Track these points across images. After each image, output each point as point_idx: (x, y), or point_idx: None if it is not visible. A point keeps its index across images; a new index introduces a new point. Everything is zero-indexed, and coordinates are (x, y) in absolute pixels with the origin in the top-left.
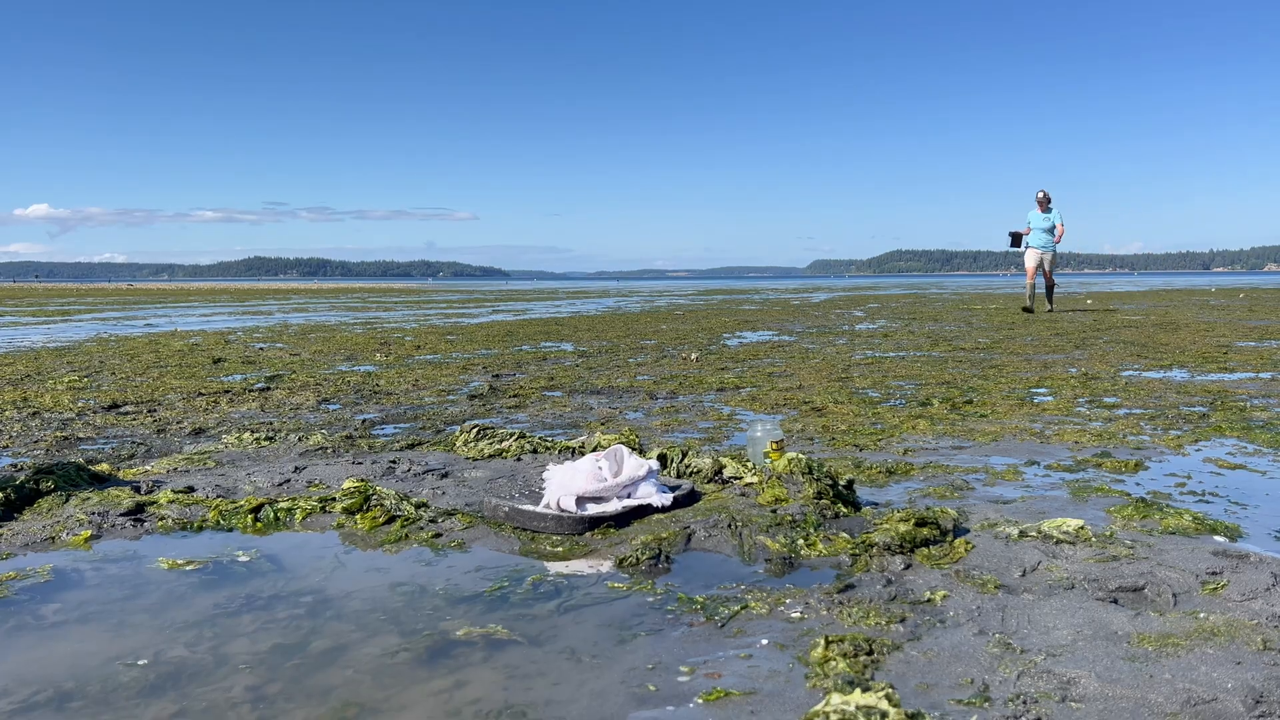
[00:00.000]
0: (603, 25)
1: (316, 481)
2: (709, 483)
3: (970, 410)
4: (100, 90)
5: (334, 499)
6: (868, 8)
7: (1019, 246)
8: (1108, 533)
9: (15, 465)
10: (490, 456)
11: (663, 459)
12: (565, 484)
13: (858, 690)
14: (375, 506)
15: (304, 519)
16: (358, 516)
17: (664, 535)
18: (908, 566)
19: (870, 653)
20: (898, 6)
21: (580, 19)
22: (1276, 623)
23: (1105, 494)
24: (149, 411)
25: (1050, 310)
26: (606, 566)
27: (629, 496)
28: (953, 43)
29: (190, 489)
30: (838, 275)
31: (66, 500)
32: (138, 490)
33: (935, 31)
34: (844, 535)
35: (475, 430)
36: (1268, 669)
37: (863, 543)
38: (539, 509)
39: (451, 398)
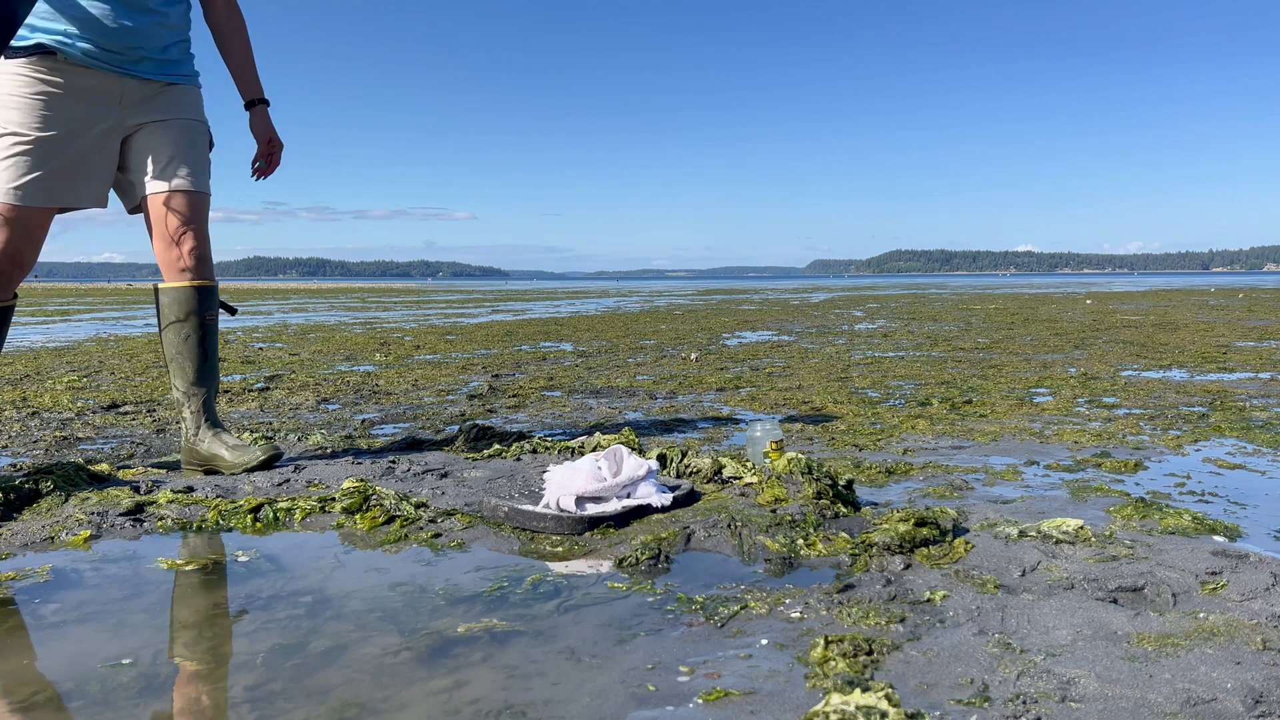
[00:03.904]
0: (602, 24)
1: (316, 481)
2: (708, 483)
3: (970, 410)
4: None
5: (333, 499)
6: (867, 7)
7: None
8: (1107, 532)
9: (15, 465)
10: (490, 456)
11: (662, 459)
12: (565, 484)
13: (857, 690)
14: (375, 506)
15: (303, 519)
16: (357, 516)
17: (663, 535)
18: (907, 566)
19: (870, 653)
20: (897, 6)
21: (579, 18)
22: (1276, 623)
23: (1105, 494)
24: (148, 411)
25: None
26: (606, 566)
27: (628, 496)
28: (953, 41)
29: (189, 489)
30: (837, 275)
31: (66, 500)
32: (137, 490)
33: (935, 30)
34: (844, 535)
35: (475, 430)
36: (1267, 669)
37: (862, 543)
38: (538, 509)
39: (451, 398)
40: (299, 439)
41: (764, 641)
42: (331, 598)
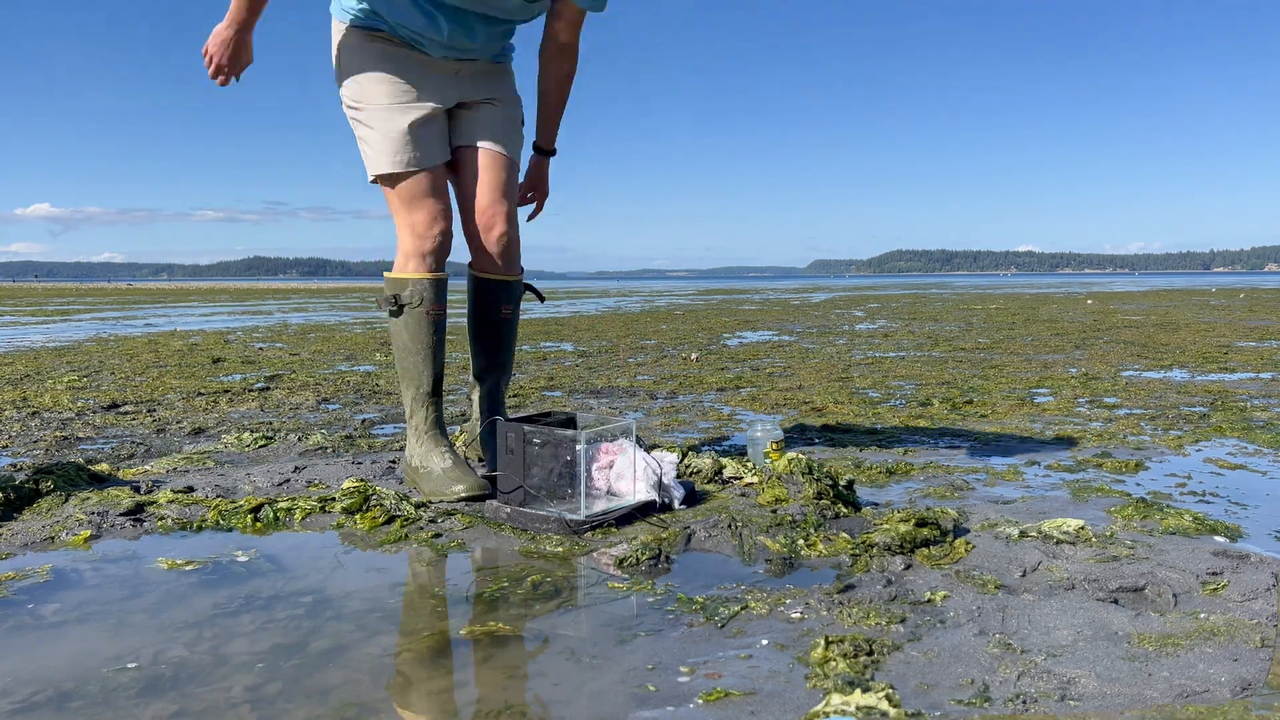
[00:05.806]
0: (601, 22)
1: (316, 481)
2: (709, 483)
3: (970, 410)
4: (102, 89)
5: (334, 499)
6: (867, 7)
7: None
8: (1108, 533)
9: (15, 465)
10: None
11: None
12: (654, 467)
13: (858, 690)
14: (375, 506)
15: (303, 519)
16: (357, 516)
17: (664, 535)
18: (908, 567)
19: (870, 653)
20: (897, 5)
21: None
22: (1276, 622)
23: (1105, 494)
24: (148, 411)
25: None
26: (607, 566)
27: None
28: (954, 40)
29: (190, 489)
30: (838, 275)
31: (66, 500)
32: (137, 490)
33: (935, 30)
34: (844, 535)
35: None
36: (1262, 663)
37: (863, 543)
38: (539, 510)
39: (451, 398)
40: (299, 439)
41: (764, 642)
42: (332, 598)
